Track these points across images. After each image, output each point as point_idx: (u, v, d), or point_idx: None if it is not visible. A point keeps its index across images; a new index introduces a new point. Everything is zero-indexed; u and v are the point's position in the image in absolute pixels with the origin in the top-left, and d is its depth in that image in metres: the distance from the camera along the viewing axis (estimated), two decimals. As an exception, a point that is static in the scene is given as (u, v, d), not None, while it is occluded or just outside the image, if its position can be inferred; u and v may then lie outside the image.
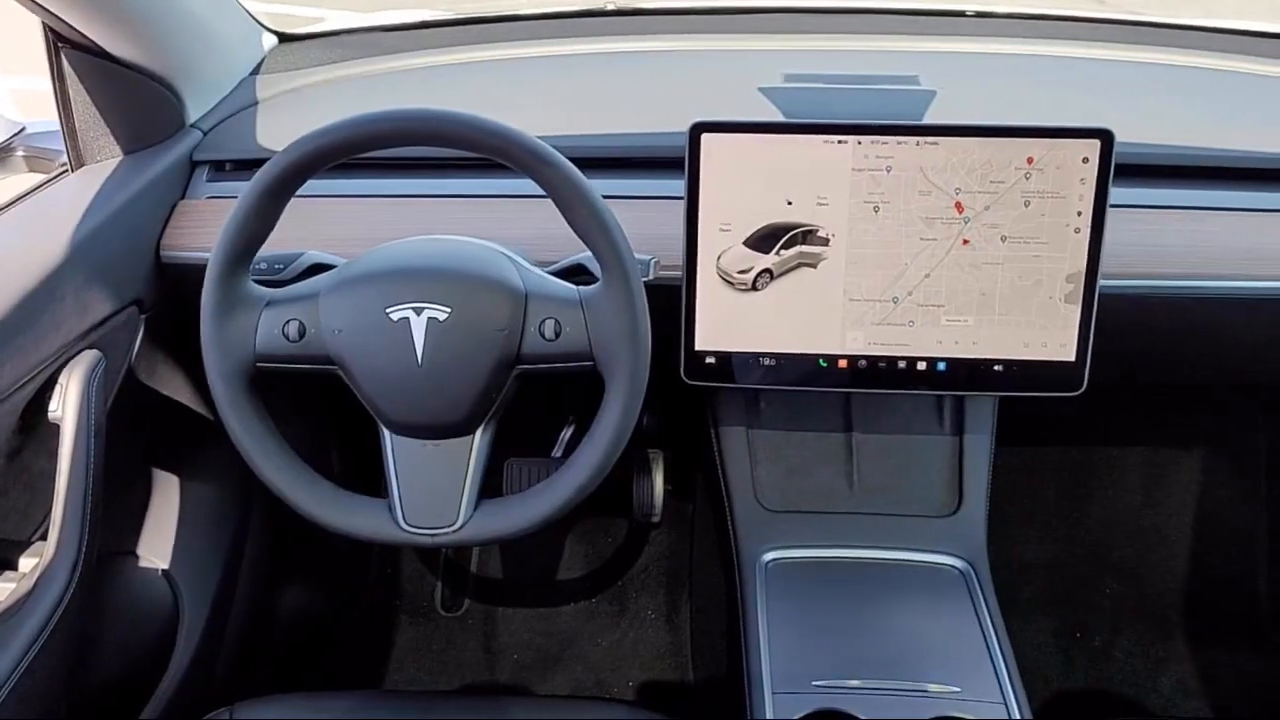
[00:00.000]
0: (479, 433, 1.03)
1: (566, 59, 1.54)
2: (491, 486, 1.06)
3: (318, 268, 1.09)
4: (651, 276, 1.07)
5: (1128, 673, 1.78)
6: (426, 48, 1.57)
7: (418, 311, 0.97)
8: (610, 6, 1.73)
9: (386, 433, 1.03)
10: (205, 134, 1.34)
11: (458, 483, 1.02)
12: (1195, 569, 1.86)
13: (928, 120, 1.29)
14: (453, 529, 1.02)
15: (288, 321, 0.99)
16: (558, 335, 0.99)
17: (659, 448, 1.90)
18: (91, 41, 1.17)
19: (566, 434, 1.87)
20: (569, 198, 0.96)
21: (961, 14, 1.66)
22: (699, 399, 1.39)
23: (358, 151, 0.96)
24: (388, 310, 0.98)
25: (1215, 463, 1.87)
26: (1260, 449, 1.82)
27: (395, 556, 1.90)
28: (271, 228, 0.99)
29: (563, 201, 0.96)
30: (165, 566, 1.35)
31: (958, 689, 1.09)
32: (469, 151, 0.97)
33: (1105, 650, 1.81)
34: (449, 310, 0.97)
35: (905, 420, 1.35)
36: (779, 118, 1.31)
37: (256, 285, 1.02)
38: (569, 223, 0.97)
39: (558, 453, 1.87)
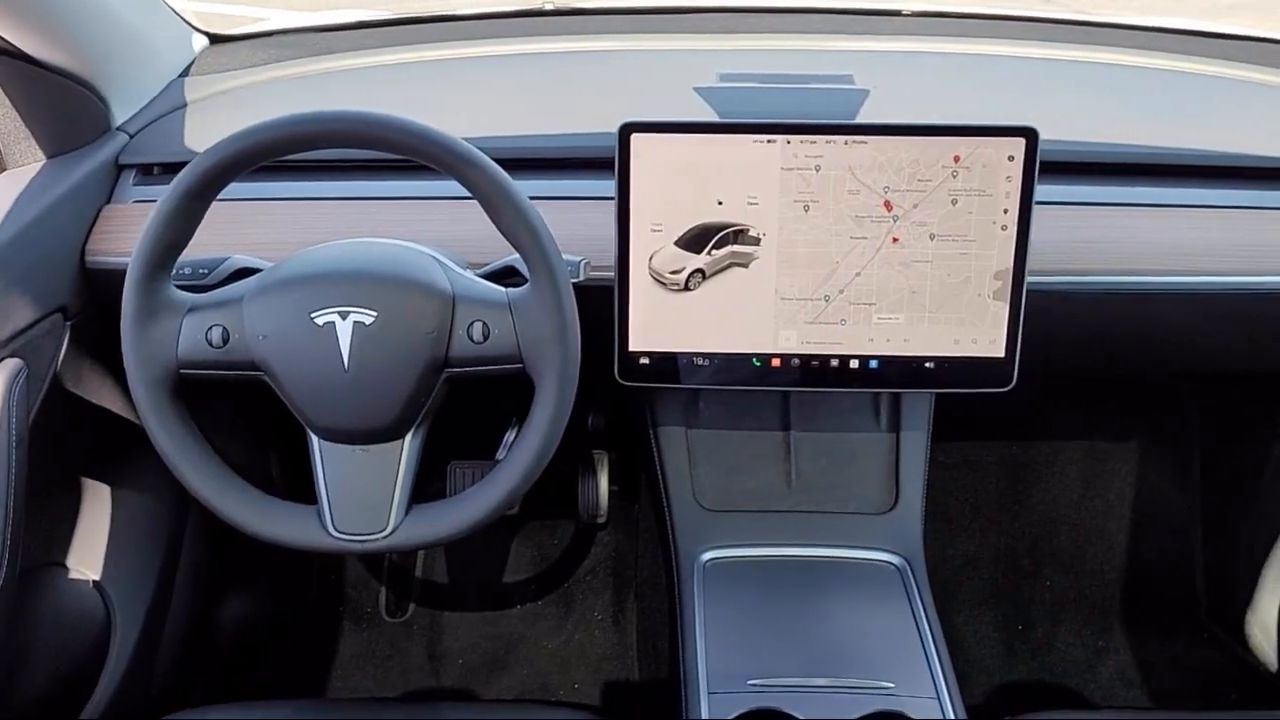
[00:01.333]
0: (409, 437, 1.02)
1: (503, 59, 1.53)
2: (436, 490, 1.05)
3: (244, 272, 1.07)
4: (582, 277, 1.07)
5: (1068, 664, 1.80)
6: (362, 49, 1.55)
7: (343, 316, 0.96)
8: (549, 6, 1.73)
9: (315, 438, 1.02)
10: (132, 137, 1.32)
11: (388, 488, 1.01)
12: (1133, 560, 1.88)
13: (861, 119, 1.30)
14: (383, 535, 1.01)
15: (211, 327, 0.98)
16: (486, 338, 0.99)
17: (604, 448, 1.89)
18: (11, 44, 1.15)
19: (511, 436, 1.86)
20: (494, 199, 0.95)
21: (898, 13, 1.68)
22: (638, 399, 1.39)
23: (278, 154, 0.95)
24: (313, 315, 0.96)
25: (1151, 454, 1.90)
26: (1194, 439, 1.85)
27: (339, 562, 1.88)
28: (193, 231, 0.98)
29: (488, 203, 0.96)
30: (96, 577, 1.33)
31: (892, 685, 1.10)
32: (391, 153, 0.96)
33: (1047, 642, 1.83)
34: (375, 314, 0.96)
35: (843, 418, 1.36)
36: (714, 118, 1.31)
37: (179, 290, 1.00)
38: (495, 224, 0.97)
39: (502, 455, 1.86)
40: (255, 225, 1.20)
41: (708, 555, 1.28)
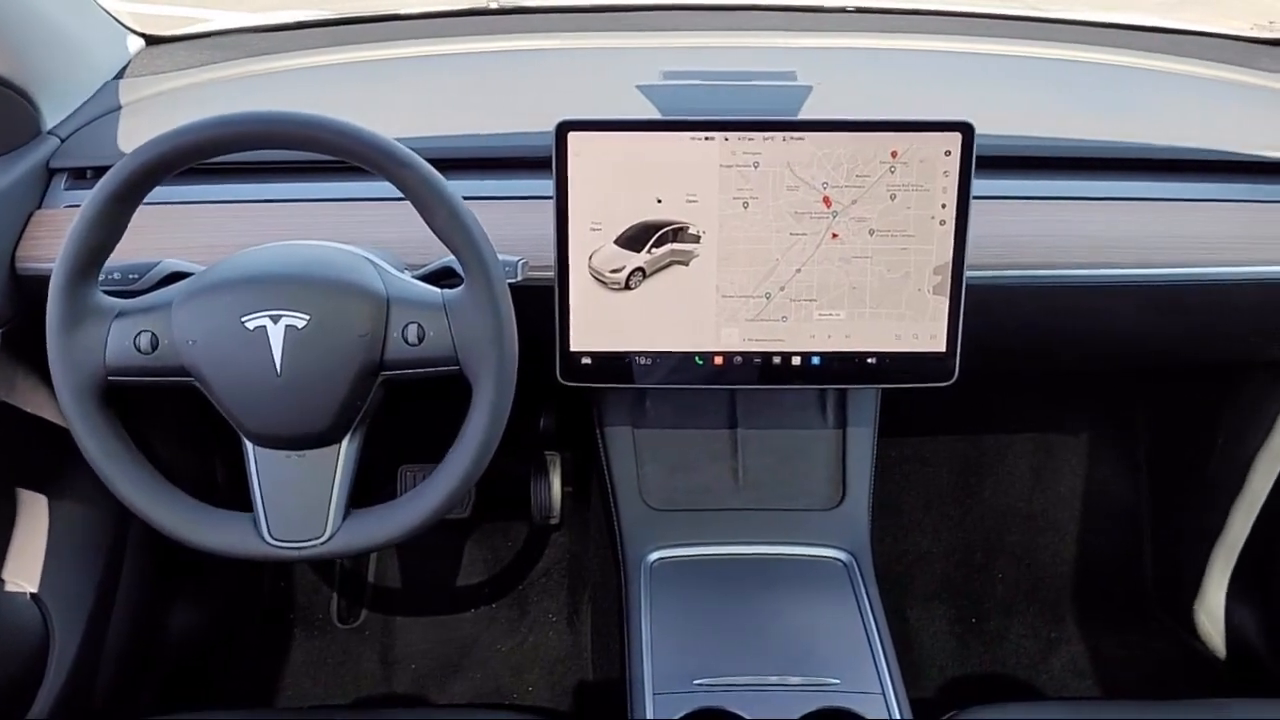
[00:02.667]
0: (345, 442, 1.01)
1: (444, 59, 1.52)
2: (388, 494, 1.04)
3: (176, 276, 1.05)
4: (520, 278, 1.06)
5: (1021, 655, 1.81)
6: (301, 49, 1.53)
7: (274, 319, 0.95)
8: (493, 5, 1.72)
9: (249, 444, 1.00)
10: (64, 141, 1.29)
11: (324, 493, 1.00)
12: (1084, 551, 1.90)
13: (804, 116, 1.30)
14: (320, 541, 0.99)
15: (139, 333, 0.96)
16: (421, 340, 0.97)
17: (557, 449, 1.89)
18: (-68, 46, 1.13)
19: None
20: (426, 199, 0.94)
21: (843, 10, 1.68)
22: (585, 400, 1.38)
23: (205, 156, 0.93)
24: (243, 319, 0.95)
25: (1100, 447, 1.92)
26: (1141, 432, 1.87)
27: (289, 568, 1.86)
28: (120, 235, 0.96)
29: (420, 203, 0.95)
30: (33, 589, 1.30)
31: (837, 681, 1.10)
32: (322, 154, 0.95)
33: (1000, 634, 1.84)
34: (307, 317, 0.95)
35: (789, 415, 1.36)
36: (656, 115, 1.30)
37: (106, 296, 0.98)
38: (429, 225, 0.96)
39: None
40: (190, 228, 1.18)
41: (654, 555, 1.27)
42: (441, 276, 1.06)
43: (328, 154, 0.94)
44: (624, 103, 1.32)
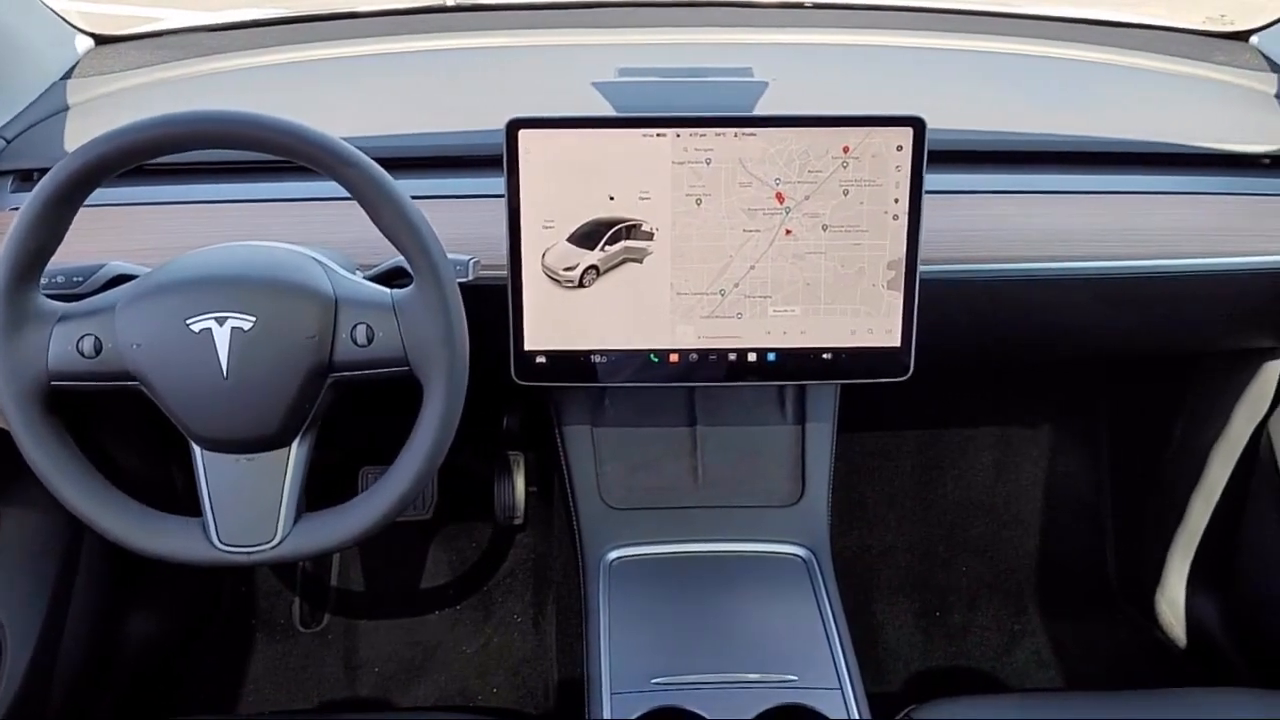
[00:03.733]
0: (295, 444, 0.99)
1: (399, 57, 1.50)
2: (350, 496, 1.03)
3: (121, 279, 1.04)
4: (471, 277, 1.05)
5: (984, 648, 1.82)
6: (253, 48, 1.51)
7: (220, 322, 0.94)
8: (449, 2, 1.70)
9: (196, 449, 0.99)
10: (9, 142, 1.27)
11: (274, 497, 0.99)
12: (1046, 543, 1.91)
13: (759, 112, 1.29)
14: (270, 545, 0.98)
15: (82, 337, 0.94)
16: (370, 341, 0.96)
17: (520, 449, 1.88)
18: None
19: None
20: (373, 198, 0.93)
21: (800, 5, 1.68)
22: (545, 399, 1.38)
23: (147, 157, 0.92)
24: (188, 321, 0.93)
25: (1061, 439, 1.93)
26: (1102, 423, 1.89)
27: (249, 573, 1.84)
28: (61, 238, 0.94)
29: (367, 202, 0.94)
30: None
31: (795, 677, 1.10)
32: (266, 153, 0.94)
33: (963, 627, 1.85)
34: (254, 319, 0.94)
35: (748, 412, 1.35)
36: (610, 113, 1.30)
37: (49, 300, 0.97)
38: (376, 224, 0.95)
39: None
40: (136, 230, 1.17)
41: (614, 554, 1.27)
42: (393, 277, 1.05)
43: (271, 153, 0.93)
44: (580, 100, 1.32)
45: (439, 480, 1.85)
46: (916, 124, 1.08)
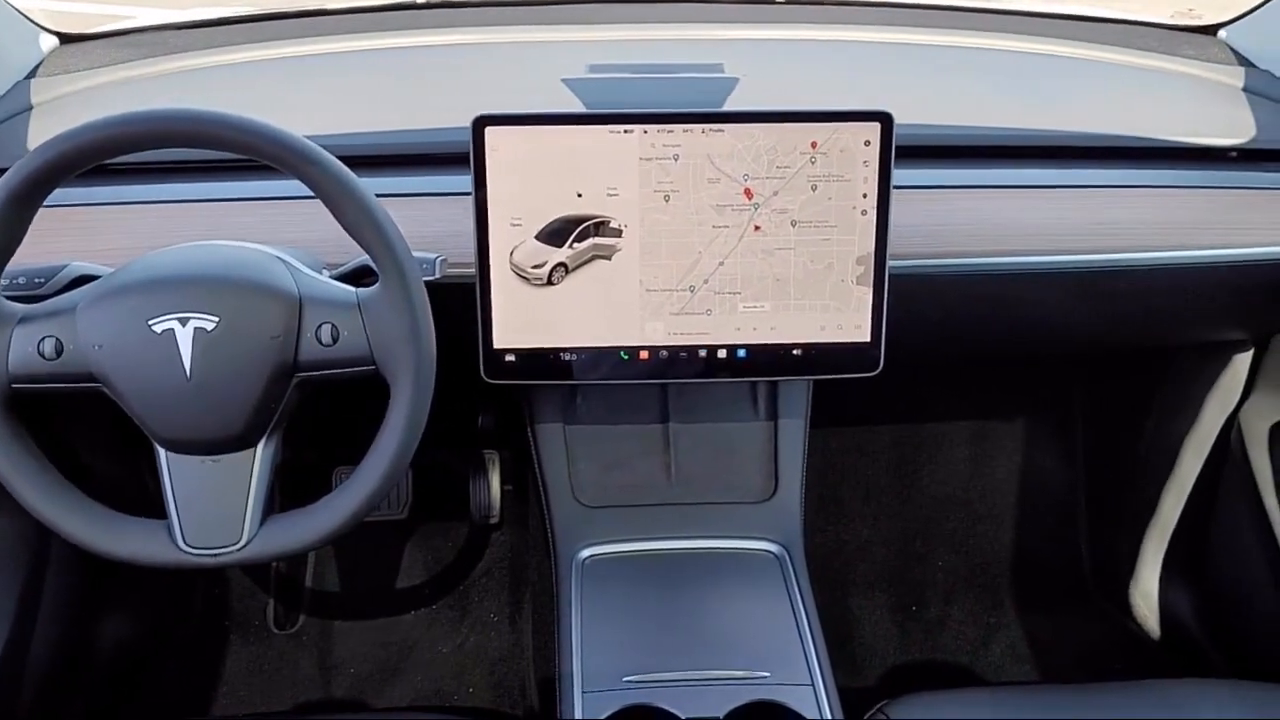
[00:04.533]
0: (261, 445, 0.99)
1: (369, 54, 1.49)
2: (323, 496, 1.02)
3: (83, 280, 1.03)
4: (438, 275, 1.04)
5: (961, 642, 1.82)
6: (221, 46, 1.50)
7: (183, 322, 0.93)
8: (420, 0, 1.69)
9: (161, 450, 0.98)
10: None
11: (240, 499, 0.98)
12: (1022, 537, 1.92)
13: (729, 107, 1.29)
14: (236, 547, 0.97)
15: (43, 338, 0.93)
16: (335, 340, 0.96)
17: (495, 448, 1.87)
18: None
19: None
20: (336, 196, 0.92)
21: (773, 1, 1.68)
22: (518, 397, 1.37)
23: (105, 156, 0.91)
24: (150, 322, 0.92)
25: (1036, 433, 1.94)
26: (1076, 418, 1.89)
27: (223, 574, 1.83)
28: (20, 238, 0.93)
29: (330, 201, 0.93)
30: None
31: (768, 674, 1.10)
32: (228, 151, 0.92)
33: (940, 621, 1.85)
34: (217, 319, 0.93)
35: (721, 408, 1.35)
36: (580, 109, 1.29)
37: (9, 301, 0.95)
38: (340, 222, 0.94)
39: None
40: (99, 230, 1.15)
41: (586, 552, 1.26)
42: (360, 276, 1.04)
43: (234, 151, 0.92)
44: (550, 96, 1.31)
45: (414, 480, 1.85)
46: (884, 119, 1.08)
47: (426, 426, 0.98)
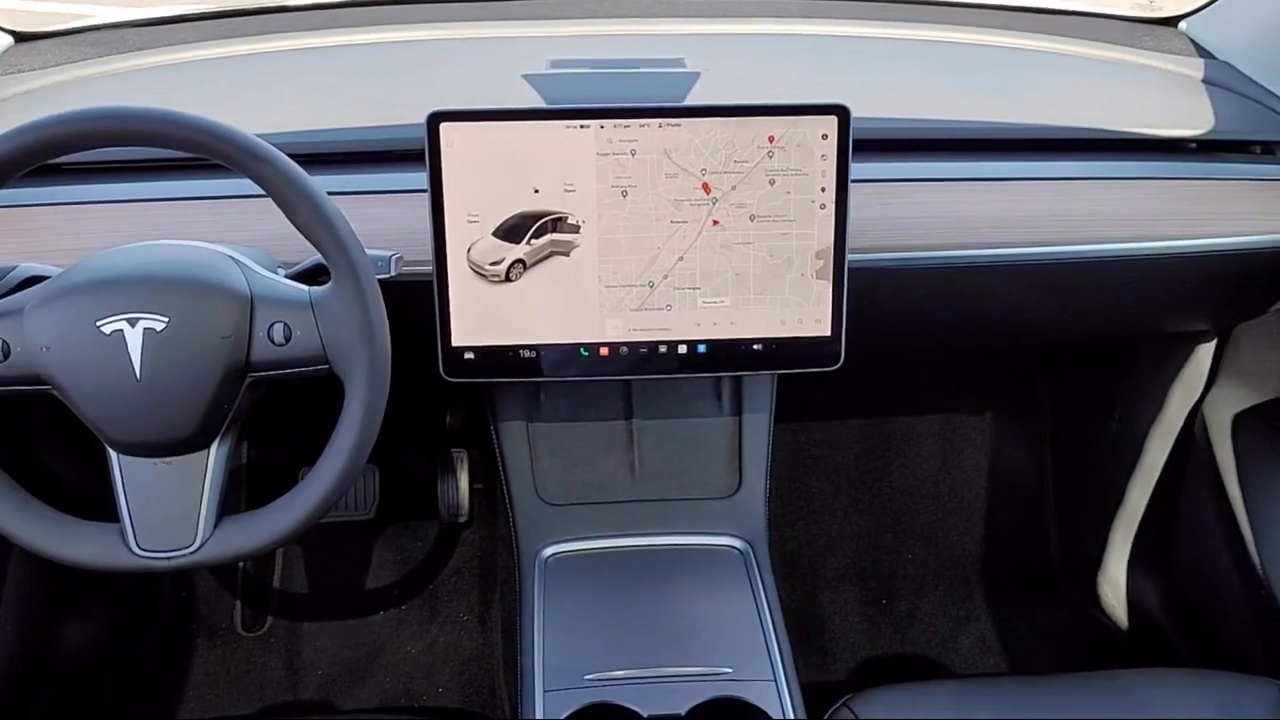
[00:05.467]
0: (214, 447, 0.97)
1: (329, 51, 1.48)
2: None
3: (32, 281, 1.01)
4: (393, 273, 1.03)
5: (931, 635, 1.83)
6: (177, 43, 1.49)
7: (132, 323, 0.91)
8: (380, -7, 1.68)
9: (113, 453, 0.97)
10: None
11: (194, 501, 0.97)
12: (991, 529, 1.92)
13: (690, 102, 1.29)
14: (190, 550, 0.96)
15: None
16: (288, 340, 0.95)
17: (464, 447, 1.86)
18: None
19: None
20: (287, 195, 0.92)
21: (736, -7, 1.67)
22: (481, 395, 1.36)
23: (49, 156, 0.90)
24: (99, 323, 0.91)
25: (1004, 425, 1.94)
26: (1043, 409, 1.90)
27: (189, 577, 1.81)
28: None
29: (281, 199, 0.92)
30: None
31: (730, 670, 1.10)
32: (177, 149, 0.91)
33: (910, 614, 1.86)
34: (166, 319, 0.92)
35: (685, 404, 1.35)
36: (540, 104, 1.28)
37: None
38: (291, 221, 0.93)
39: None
40: (49, 231, 1.14)
41: (550, 550, 1.26)
42: (316, 274, 1.03)
43: (180, 149, 0.91)
44: (511, 92, 1.30)
45: (381, 480, 1.84)
46: (841, 112, 1.08)
47: (394, 426, 0.98)
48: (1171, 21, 1.58)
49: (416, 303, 1.12)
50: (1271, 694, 1.12)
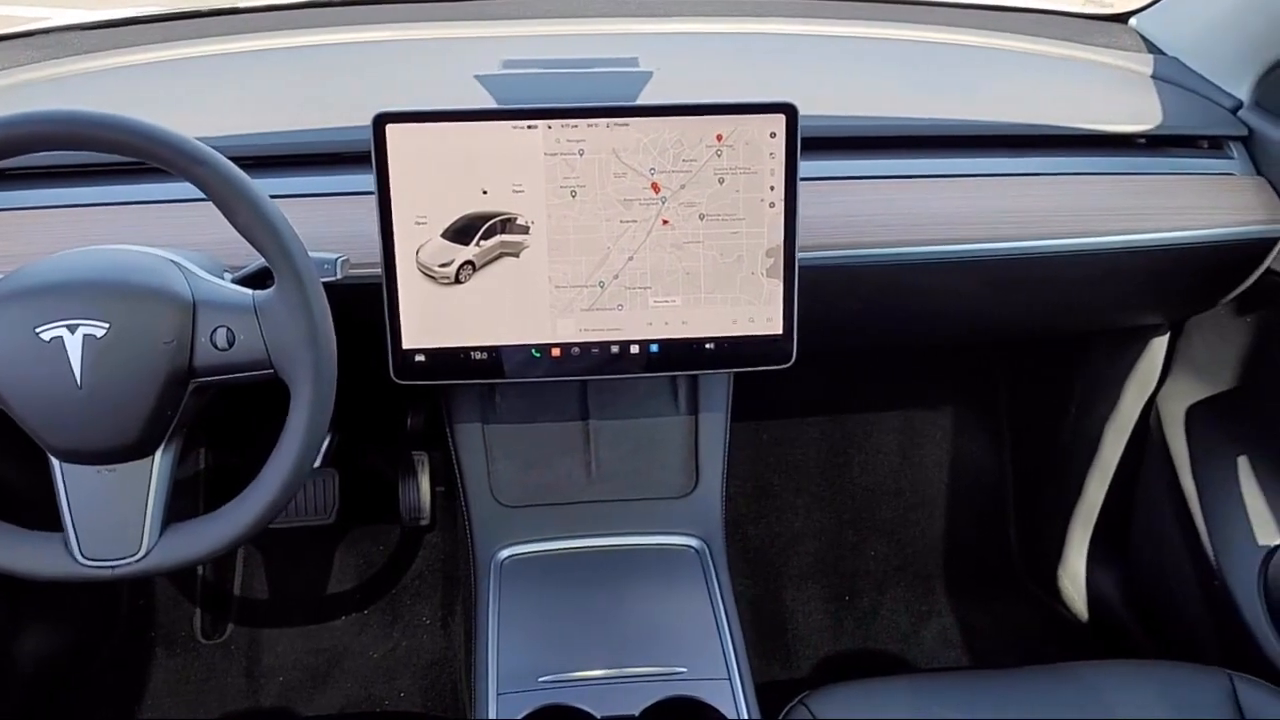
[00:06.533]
0: (159, 453, 0.96)
1: (280, 53, 1.47)
2: None
3: None
4: (339, 275, 1.02)
5: (893, 630, 1.84)
6: (126, 46, 1.47)
7: (71, 329, 0.90)
8: (334, -5, 1.67)
9: (55, 461, 0.96)
10: None
11: (139, 508, 0.95)
12: (951, 524, 1.93)
13: (642, 102, 1.29)
14: (135, 559, 0.95)
15: None
16: (231, 344, 0.94)
17: (425, 449, 1.86)
18: None
19: (324, 444, 1.80)
20: (227, 198, 0.91)
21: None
22: (435, 397, 1.36)
23: None
24: (38, 330, 0.90)
25: (964, 421, 1.95)
26: (1002, 405, 1.91)
27: (147, 585, 1.80)
28: None
29: (222, 202, 0.91)
30: None
31: (684, 669, 1.10)
32: (115, 154, 0.90)
33: (873, 610, 1.86)
34: (107, 325, 0.91)
35: (641, 404, 1.35)
36: (493, 105, 1.28)
37: None
38: (232, 224, 0.92)
39: (316, 463, 1.80)
40: (-4, 238, 1.12)
41: (505, 552, 1.25)
42: (263, 278, 1.02)
43: (119, 153, 0.90)
44: (463, 93, 1.30)
45: (341, 484, 1.82)
46: (788, 110, 1.08)
47: (354, 429, 0.97)
48: (1122, 18, 1.59)
49: (367, 305, 1.11)
50: (1222, 683, 1.13)
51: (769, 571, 1.88)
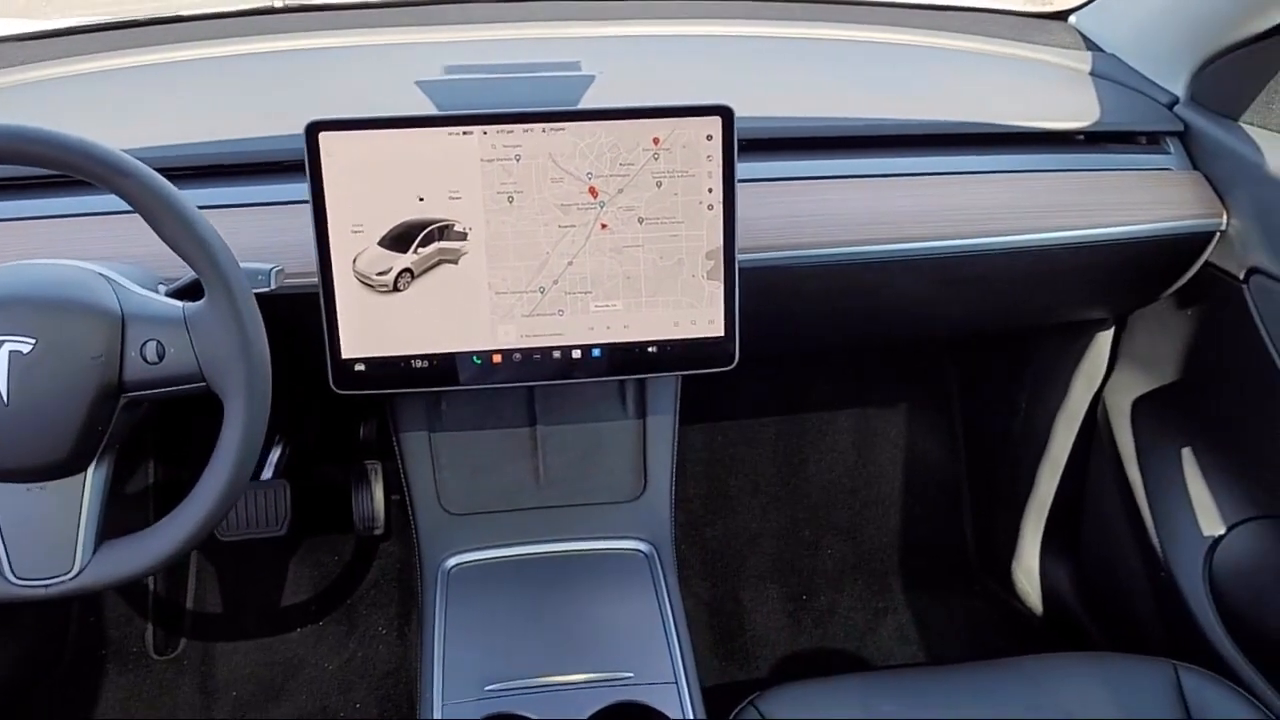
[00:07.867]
0: (91, 470, 0.95)
1: (221, 61, 1.45)
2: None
3: None
4: (272, 286, 1.01)
5: (850, 628, 1.84)
6: (68, 56, 1.45)
7: None
8: (278, 4, 1.65)
9: (-17, 480, 0.94)
10: None
11: (71, 526, 0.94)
12: (907, 521, 1.94)
13: (583, 106, 1.28)
14: (69, 577, 0.94)
15: None
16: (161, 358, 0.92)
17: (378, 458, 1.84)
18: None
19: (275, 455, 1.79)
20: (153, 209, 0.89)
21: (633, -3, 1.67)
22: (382, 406, 1.35)
23: None
24: None
25: (918, 418, 1.96)
26: (954, 402, 1.92)
27: (98, 601, 1.77)
28: None
29: (148, 214, 0.90)
30: None
31: (631, 674, 1.09)
32: (37, 166, 0.89)
33: (830, 609, 1.87)
34: (33, 341, 0.89)
35: (589, 408, 1.34)
36: (433, 111, 1.27)
37: None
38: (160, 236, 0.91)
39: (268, 474, 1.79)
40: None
41: (453, 561, 1.25)
42: (198, 290, 1.01)
43: (42, 166, 0.88)
44: (404, 100, 1.29)
45: (293, 495, 1.81)
46: (725, 113, 1.08)
47: (305, 439, 0.96)
48: (1062, 15, 1.60)
49: (305, 315, 1.10)
50: (1166, 674, 1.14)
51: (726, 572, 1.89)
